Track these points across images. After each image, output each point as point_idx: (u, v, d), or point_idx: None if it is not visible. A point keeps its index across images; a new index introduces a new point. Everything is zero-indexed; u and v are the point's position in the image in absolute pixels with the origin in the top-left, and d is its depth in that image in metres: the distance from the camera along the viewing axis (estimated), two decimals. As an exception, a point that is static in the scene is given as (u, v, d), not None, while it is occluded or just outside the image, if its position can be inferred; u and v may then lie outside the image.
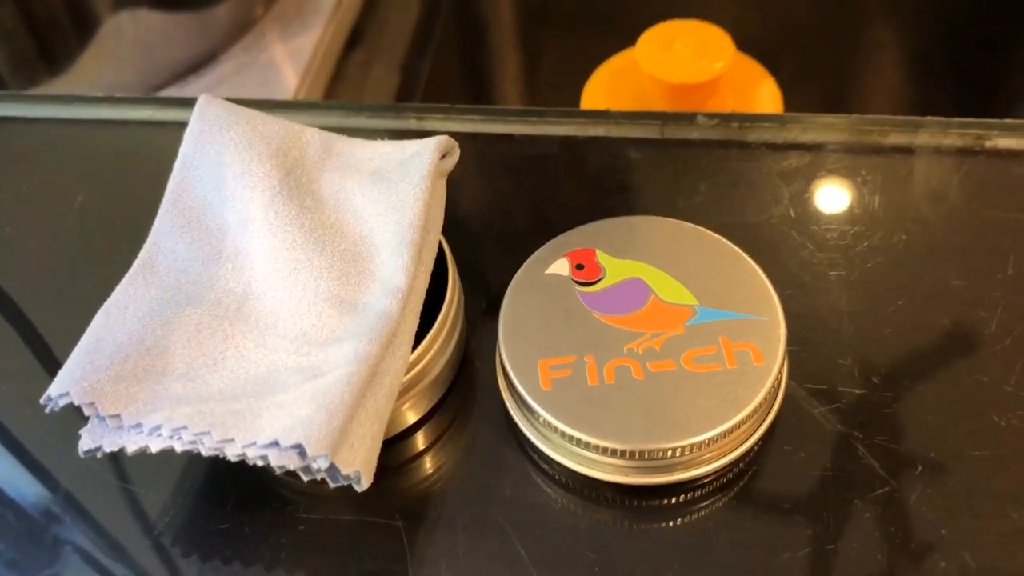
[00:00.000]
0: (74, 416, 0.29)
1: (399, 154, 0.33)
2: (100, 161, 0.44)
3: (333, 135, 0.34)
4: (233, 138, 0.32)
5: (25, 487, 0.33)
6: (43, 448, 0.34)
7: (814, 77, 0.71)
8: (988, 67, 0.83)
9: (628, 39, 0.62)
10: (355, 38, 0.77)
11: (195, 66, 0.76)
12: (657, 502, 0.31)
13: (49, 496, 0.33)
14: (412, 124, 0.42)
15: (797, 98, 0.57)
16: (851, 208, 0.38)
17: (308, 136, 0.33)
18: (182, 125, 0.42)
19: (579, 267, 0.34)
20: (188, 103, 0.46)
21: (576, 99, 0.69)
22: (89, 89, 0.73)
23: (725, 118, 0.41)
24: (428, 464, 0.33)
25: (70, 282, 0.39)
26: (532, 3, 0.94)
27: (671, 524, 0.31)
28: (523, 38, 0.97)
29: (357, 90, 0.79)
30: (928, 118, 0.40)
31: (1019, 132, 0.40)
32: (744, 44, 0.51)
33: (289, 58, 0.76)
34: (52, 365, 0.36)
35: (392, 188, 0.31)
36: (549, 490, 0.32)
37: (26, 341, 0.38)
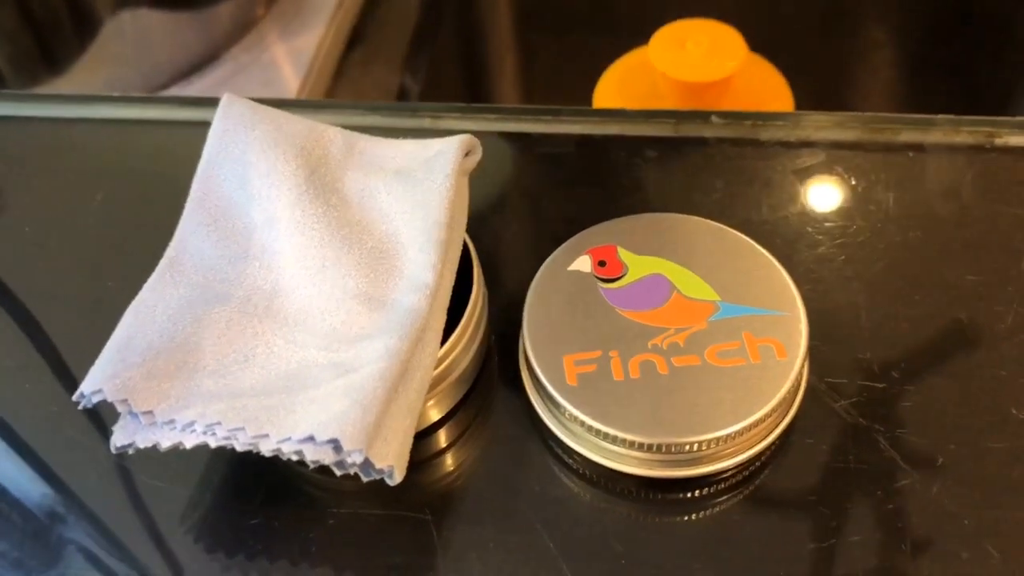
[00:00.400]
0: (100, 413, 0.29)
1: (423, 152, 0.33)
2: (119, 160, 0.44)
3: (355, 134, 0.34)
4: (258, 137, 0.33)
5: (53, 485, 0.33)
6: (71, 445, 0.34)
7: (815, 74, 0.71)
8: (986, 63, 0.83)
9: (624, 38, 0.63)
10: (356, 37, 0.77)
11: (197, 66, 0.75)
12: (683, 495, 0.31)
13: (78, 493, 0.33)
14: (427, 123, 0.42)
15: (800, 96, 0.57)
16: (866, 205, 0.38)
17: (331, 135, 0.34)
18: (201, 124, 0.42)
19: (601, 264, 0.34)
20: (207, 102, 0.47)
21: (575, 98, 0.70)
22: (91, 89, 0.73)
23: (739, 116, 0.41)
24: (454, 459, 0.33)
25: (90, 281, 0.39)
26: (532, 3, 0.95)
27: (697, 517, 0.31)
28: (523, 38, 0.97)
29: (358, 89, 0.79)
30: (939, 116, 0.41)
31: (1029, 130, 0.40)
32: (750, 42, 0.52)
33: (290, 57, 0.76)
34: (76, 364, 0.36)
35: (417, 186, 0.32)
36: (575, 484, 0.32)
37: (49, 341, 0.38)
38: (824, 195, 0.39)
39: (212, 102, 0.47)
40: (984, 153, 0.40)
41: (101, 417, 0.33)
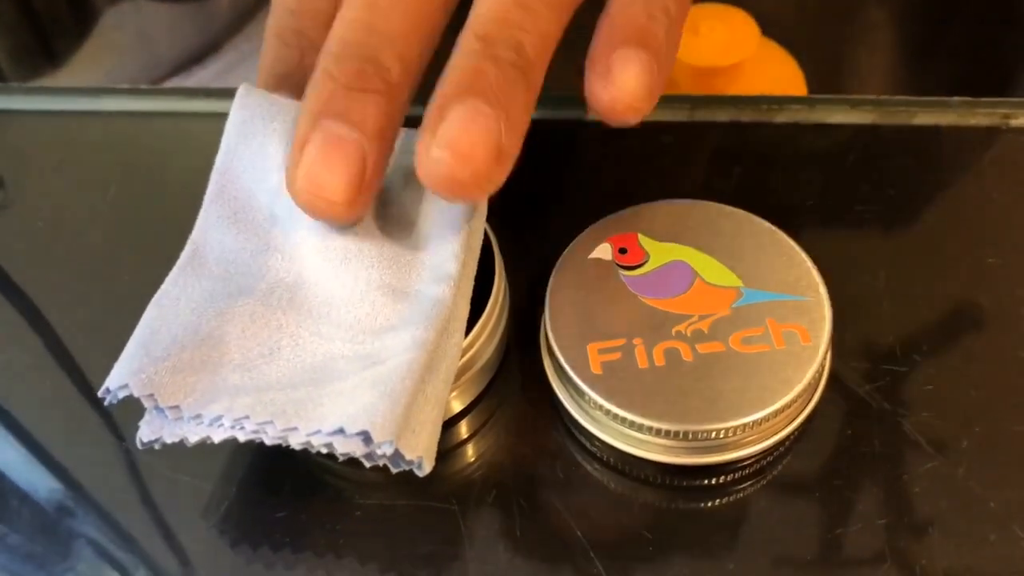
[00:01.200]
0: (121, 409, 0.29)
1: None
2: (131, 153, 0.44)
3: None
4: (276, 129, 0.32)
5: (79, 482, 0.33)
6: (92, 442, 0.34)
7: (824, 56, 0.71)
8: (990, 41, 0.83)
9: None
10: None
11: (197, 56, 0.75)
12: (710, 481, 0.31)
13: (104, 489, 0.33)
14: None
15: (810, 79, 0.57)
16: (884, 189, 0.38)
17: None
18: (213, 115, 0.42)
19: (622, 251, 0.34)
20: (217, 93, 0.47)
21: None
22: (92, 80, 0.73)
23: (755, 100, 0.41)
24: (478, 448, 0.33)
25: (104, 275, 0.39)
26: None
27: (724, 502, 0.31)
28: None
29: None
30: (955, 99, 0.41)
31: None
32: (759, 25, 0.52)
33: None
34: (90, 359, 0.36)
35: None
36: (600, 472, 0.32)
37: (61, 336, 0.38)
38: (841, 179, 0.39)
39: (226, 93, 0.47)
40: (1000, 135, 0.40)
41: (123, 412, 0.33)
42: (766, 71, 0.50)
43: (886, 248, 0.36)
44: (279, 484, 0.32)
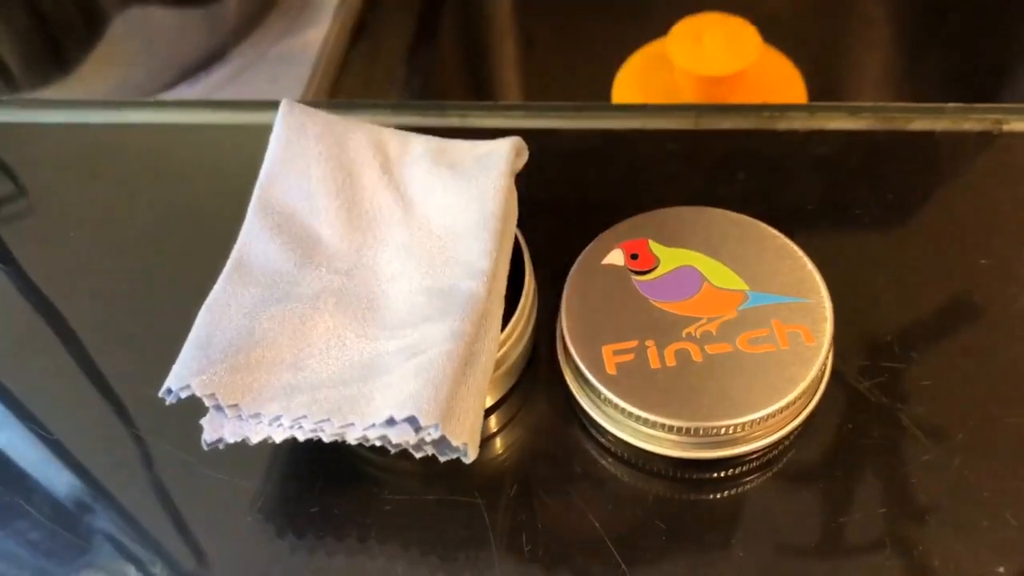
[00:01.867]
0: (161, 413, 0.31)
1: (473, 151, 0.35)
2: (161, 164, 0.46)
3: (409, 134, 0.36)
4: (320, 152, 0.34)
5: (122, 481, 0.35)
6: (136, 443, 0.36)
7: (825, 61, 0.73)
8: (982, 47, 0.85)
9: (629, 26, 0.64)
10: (360, 31, 0.78)
11: (204, 63, 0.76)
12: (719, 474, 0.33)
13: (148, 488, 0.35)
14: (455, 121, 0.44)
15: (810, 83, 0.59)
16: (881, 192, 0.40)
17: (386, 137, 0.35)
18: (240, 128, 0.43)
19: (633, 256, 0.36)
20: (243, 105, 0.48)
21: (579, 88, 0.71)
22: (101, 87, 0.74)
23: (757, 108, 0.43)
24: (501, 445, 0.35)
25: (139, 283, 0.41)
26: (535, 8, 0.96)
27: (733, 493, 0.33)
28: (525, 26, 0.98)
29: (364, 82, 0.81)
30: (949, 104, 0.42)
31: (1036, 114, 0.42)
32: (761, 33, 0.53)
33: (297, 53, 0.77)
34: (137, 364, 0.38)
35: (471, 180, 0.33)
36: (615, 466, 0.34)
37: (100, 341, 0.39)
38: (841, 183, 0.41)
39: (252, 105, 0.49)
40: (992, 139, 0.41)
41: (165, 417, 0.35)
42: (768, 78, 0.52)
43: (885, 250, 0.38)
44: (314, 480, 0.34)
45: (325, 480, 0.34)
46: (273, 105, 0.37)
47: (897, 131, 0.42)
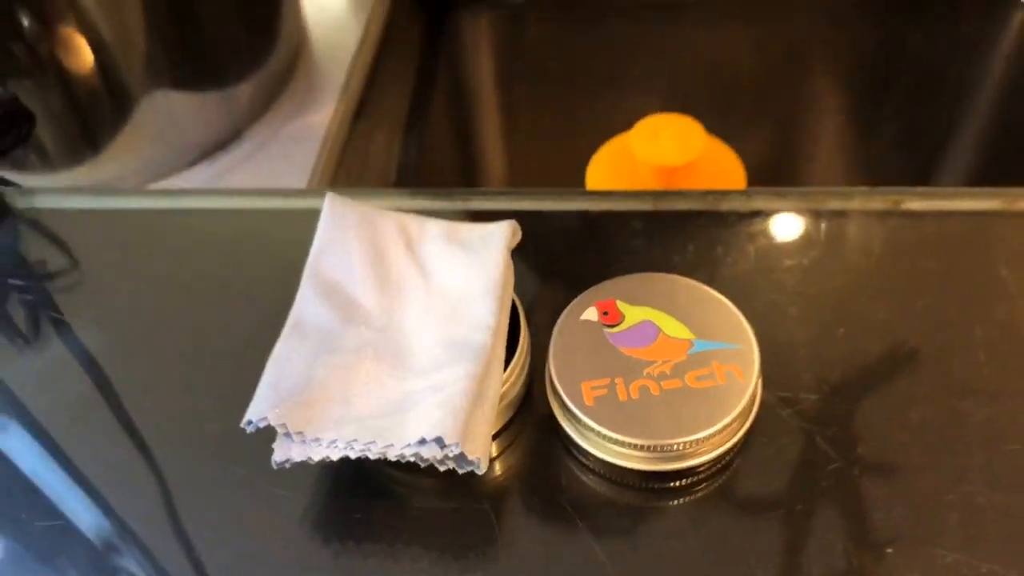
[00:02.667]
0: (209, 442, 0.40)
1: (479, 231, 0.45)
2: (206, 243, 0.55)
3: (426, 218, 0.46)
4: (357, 236, 0.44)
5: (193, 500, 0.44)
6: (204, 469, 0.45)
7: (764, 151, 0.84)
8: (916, 124, 0.98)
9: (595, 126, 0.75)
10: (359, 114, 0.87)
11: (222, 142, 0.84)
12: (675, 483, 0.42)
13: (216, 504, 0.43)
14: (459, 204, 0.54)
15: (751, 169, 0.70)
16: (802, 260, 0.50)
17: (408, 221, 0.45)
18: (281, 213, 0.53)
19: (605, 313, 0.45)
20: (282, 194, 0.58)
21: (555, 174, 0.81)
22: (128, 164, 0.82)
23: (704, 193, 0.53)
24: (504, 462, 0.44)
25: (189, 340, 0.50)
26: (518, 101, 1.07)
27: (686, 500, 0.42)
28: (506, 119, 1.09)
29: (363, 159, 0.89)
30: (857, 188, 0.53)
31: (926, 197, 0.52)
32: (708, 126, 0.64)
33: (305, 133, 0.84)
34: (198, 406, 0.47)
35: (477, 256, 0.43)
36: (594, 479, 0.43)
37: (159, 391, 0.48)
38: (771, 253, 0.50)
39: (299, 193, 0.58)
40: (892, 217, 0.52)
41: (234, 445, 0.44)
42: (713, 167, 0.62)
43: (803, 306, 0.48)
44: (355, 495, 0.43)
45: (363, 495, 0.43)
46: (315, 193, 0.47)
47: (817, 209, 0.52)
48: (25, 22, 0.70)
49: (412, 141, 0.98)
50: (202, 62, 0.81)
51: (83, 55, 0.73)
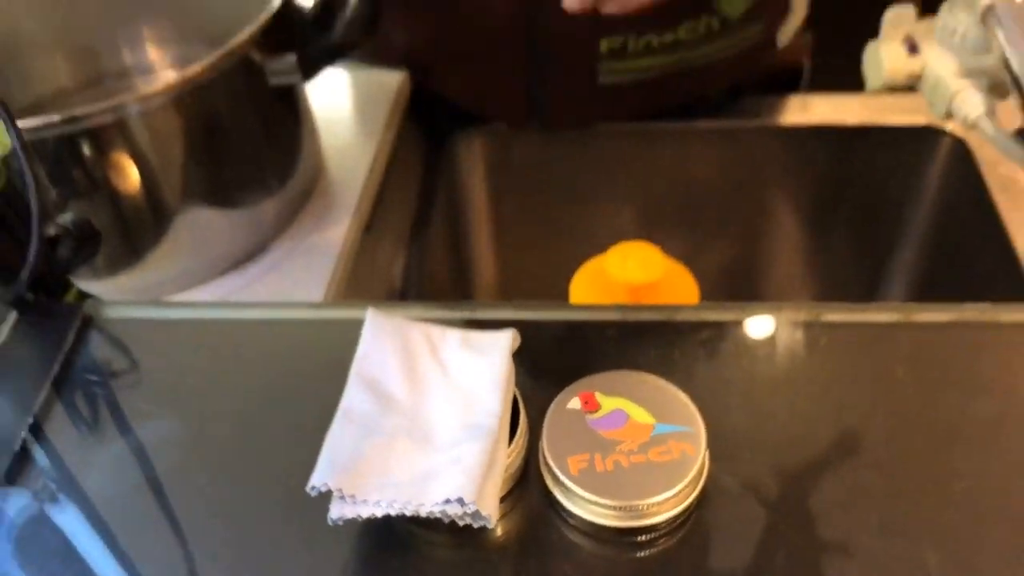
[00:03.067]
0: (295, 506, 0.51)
1: (487, 338, 0.57)
2: (258, 350, 0.66)
3: (445, 328, 0.58)
4: (393, 342, 0.56)
5: (272, 546, 0.55)
6: (280, 523, 0.56)
7: (718, 271, 0.99)
8: (847, 253, 1.13)
9: (577, 248, 0.89)
10: (370, 225, 0.97)
11: (250, 254, 0.94)
12: (641, 538, 0.54)
13: (293, 547, 0.55)
14: (467, 314, 0.66)
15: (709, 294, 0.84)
16: (743, 363, 0.62)
17: (431, 330, 0.58)
18: (315, 322, 0.65)
19: (586, 403, 0.58)
20: (343, 305, 0.70)
21: (542, 288, 0.94)
22: (166, 273, 0.89)
23: (663, 307, 0.65)
24: (507, 522, 0.55)
25: (243, 430, 0.61)
26: (508, 214, 1.20)
27: (652, 551, 0.54)
28: (496, 223, 1.22)
29: (372, 267, 1.00)
30: (785, 303, 0.65)
31: (841, 311, 0.65)
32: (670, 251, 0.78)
33: (323, 246, 0.95)
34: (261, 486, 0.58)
35: (486, 359, 0.55)
36: (578, 535, 0.54)
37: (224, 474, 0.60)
38: (717, 355, 0.63)
39: (349, 305, 0.70)
40: (814, 326, 0.64)
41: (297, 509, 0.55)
42: (672, 285, 0.76)
43: (741, 400, 0.60)
44: (388, 546, 0.54)
45: (395, 546, 0.54)
46: (341, 305, 0.59)
47: (754, 320, 0.65)
48: (86, 150, 0.81)
49: (414, 252, 1.10)
50: (233, 183, 0.91)
51: (131, 178, 0.83)
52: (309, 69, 0.91)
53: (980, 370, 0.60)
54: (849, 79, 0.90)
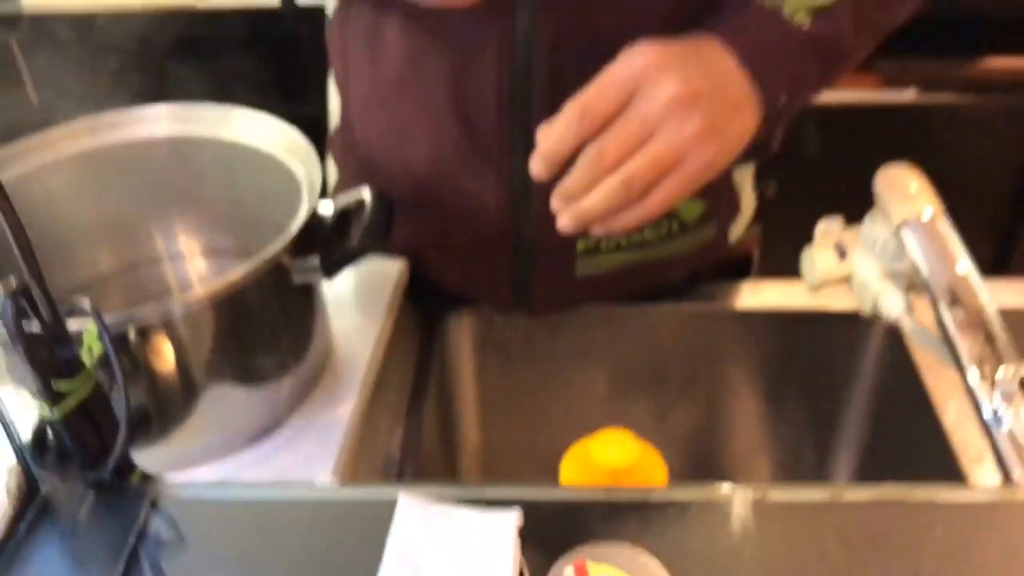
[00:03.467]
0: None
1: (497, 517, 0.70)
2: (296, 528, 0.77)
3: (462, 509, 0.71)
4: (420, 525, 0.69)
5: None
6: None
7: (688, 450, 1.13)
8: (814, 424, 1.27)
9: (564, 433, 1.02)
10: (373, 405, 1.06)
11: (267, 428, 0.99)
12: None
13: None
14: (474, 493, 0.79)
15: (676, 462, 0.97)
16: (703, 531, 0.75)
17: (452, 510, 0.70)
18: (350, 503, 0.77)
19: (579, 571, 0.70)
20: (374, 489, 0.81)
21: (531, 467, 1.05)
22: (191, 445, 0.97)
23: (636, 489, 0.79)
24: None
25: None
26: (489, 393, 1.33)
27: None
28: (483, 399, 1.35)
29: (374, 443, 1.08)
30: (737, 485, 0.78)
31: (784, 489, 0.78)
32: (644, 432, 0.92)
33: (334, 422, 1.00)
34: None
35: (495, 534, 0.68)
36: None
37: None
38: (685, 527, 0.76)
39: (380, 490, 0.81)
40: (761, 504, 0.77)
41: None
42: (645, 467, 0.90)
43: (707, 563, 0.73)
44: None
45: None
46: (384, 491, 0.72)
47: (710, 499, 0.78)
48: (132, 339, 0.90)
49: (411, 428, 1.20)
50: (253, 364, 0.99)
51: (168, 364, 0.91)
52: (331, 269, 1.01)
53: (899, 545, 0.73)
54: (794, 267, 1.03)
